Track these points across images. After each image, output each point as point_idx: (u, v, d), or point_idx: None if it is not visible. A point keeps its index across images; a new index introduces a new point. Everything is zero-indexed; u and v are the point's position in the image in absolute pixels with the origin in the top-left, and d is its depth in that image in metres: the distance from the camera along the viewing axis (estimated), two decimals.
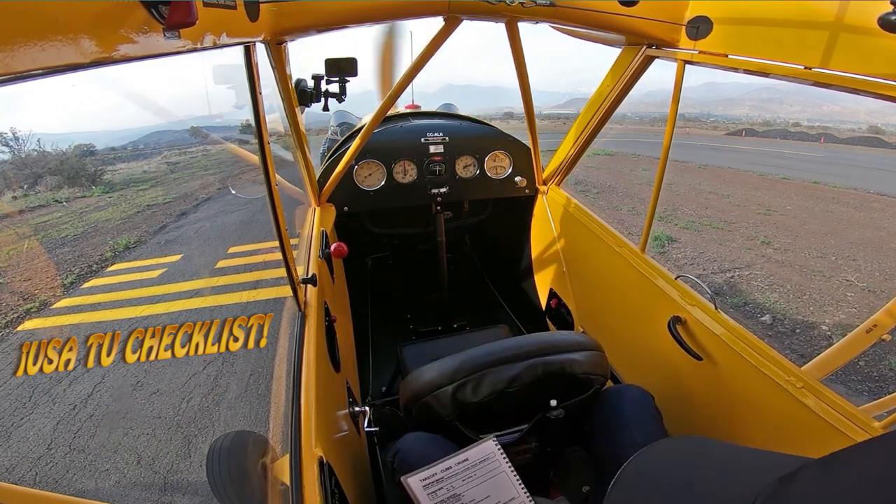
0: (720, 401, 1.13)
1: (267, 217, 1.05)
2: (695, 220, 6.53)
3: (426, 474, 0.82)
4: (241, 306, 3.74)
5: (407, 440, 0.98)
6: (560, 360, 1.01)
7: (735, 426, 1.09)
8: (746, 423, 1.06)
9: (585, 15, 1.16)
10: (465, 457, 0.85)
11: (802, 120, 70.96)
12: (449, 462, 0.84)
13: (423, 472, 0.82)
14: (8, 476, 2.18)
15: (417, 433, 1.01)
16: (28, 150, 12.22)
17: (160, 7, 0.48)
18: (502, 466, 0.87)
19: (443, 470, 0.83)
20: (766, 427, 1.01)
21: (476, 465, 0.85)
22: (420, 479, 0.82)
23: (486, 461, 0.86)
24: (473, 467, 0.85)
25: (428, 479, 0.82)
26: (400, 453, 0.95)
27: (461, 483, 0.83)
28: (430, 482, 0.82)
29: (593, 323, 1.68)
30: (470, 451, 0.86)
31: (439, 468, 0.83)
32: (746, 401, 1.06)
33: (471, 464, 0.85)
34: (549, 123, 32.86)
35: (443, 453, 0.94)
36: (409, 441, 0.98)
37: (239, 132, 3.76)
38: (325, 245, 1.47)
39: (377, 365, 2.01)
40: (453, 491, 0.83)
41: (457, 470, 0.84)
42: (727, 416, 1.11)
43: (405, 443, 0.97)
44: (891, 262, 4.99)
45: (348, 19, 1.08)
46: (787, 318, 3.69)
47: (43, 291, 4.40)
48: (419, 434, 1.00)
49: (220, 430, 2.38)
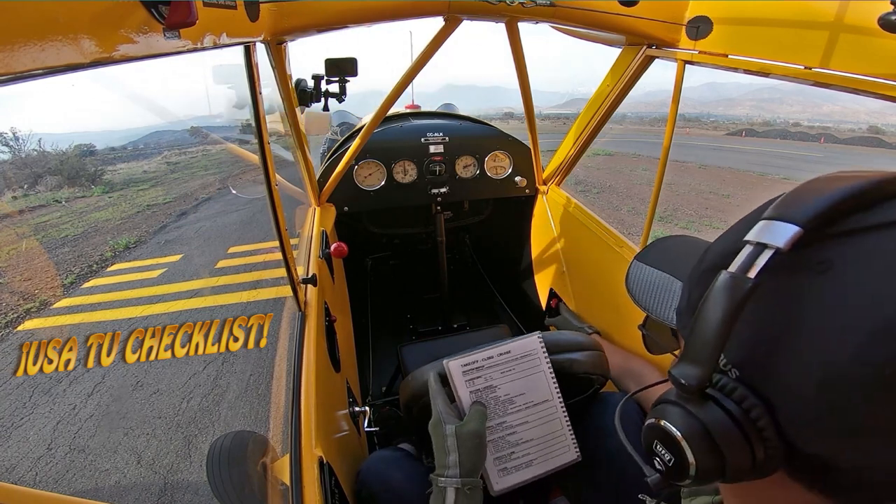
0: None
1: (267, 217, 1.05)
2: (695, 220, 6.53)
3: (467, 360, 0.80)
4: (241, 306, 3.74)
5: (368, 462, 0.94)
6: (560, 359, 1.01)
7: None
8: None
9: (585, 15, 1.16)
10: (507, 348, 0.83)
11: (802, 120, 71.00)
12: (491, 351, 0.82)
13: (465, 358, 0.80)
14: (8, 476, 2.18)
15: (379, 453, 0.98)
16: (28, 150, 12.24)
17: (160, 7, 0.48)
18: (542, 366, 0.85)
19: (484, 358, 0.81)
20: None
21: (517, 359, 0.83)
22: (461, 363, 0.80)
23: (528, 357, 0.84)
24: (514, 361, 0.83)
25: (468, 366, 0.80)
26: (360, 476, 0.91)
27: (499, 375, 0.81)
28: (469, 368, 0.80)
29: (593, 323, 1.68)
30: (514, 343, 0.84)
31: (481, 356, 0.81)
32: None
33: (512, 357, 0.83)
34: (549, 123, 32.89)
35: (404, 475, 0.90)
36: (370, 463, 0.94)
37: (239, 132, 3.76)
38: (325, 245, 1.47)
39: (377, 365, 2.01)
40: (490, 382, 0.81)
41: (497, 361, 0.82)
42: None
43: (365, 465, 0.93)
44: None
45: (348, 19, 1.08)
46: None
47: (43, 291, 4.40)
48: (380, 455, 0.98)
49: (220, 430, 2.38)
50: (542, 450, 0.85)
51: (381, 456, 0.97)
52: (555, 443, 0.86)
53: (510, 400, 0.82)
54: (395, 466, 0.92)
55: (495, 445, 0.81)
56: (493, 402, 0.81)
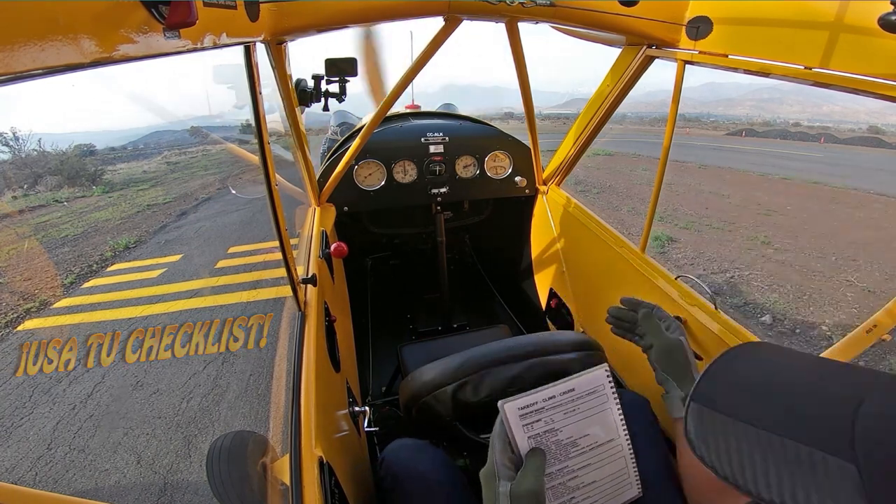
0: None
1: (267, 217, 1.05)
2: (695, 221, 6.53)
3: (526, 401, 0.71)
4: (241, 306, 3.74)
5: (392, 448, 0.94)
6: (560, 360, 1.01)
7: None
8: None
9: (585, 15, 1.16)
10: (571, 386, 0.74)
11: (802, 120, 71.01)
12: (553, 390, 0.73)
13: (523, 399, 0.70)
14: (8, 476, 2.18)
15: (404, 440, 0.97)
16: (28, 150, 12.24)
17: (160, 7, 0.48)
18: (609, 402, 0.77)
19: (545, 399, 0.72)
20: None
21: (582, 397, 0.75)
22: (518, 406, 0.70)
23: (594, 394, 0.76)
24: (578, 399, 0.75)
25: (527, 408, 0.71)
26: (385, 462, 0.91)
27: (561, 416, 0.73)
28: (528, 412, 0.71)
29: (593, 323, 1.68)
30: (578, 379, 0.75)
31: (541, 396, 0.72)
32: None
33: (576, 395, 0.74)
34: (549, 123, 32.89)
35: (430, 461, 0.90)
36: (395, 449, 0.94)
37: (239, 132, 3.76)
38: (325, 245, 1.47)
39: (377, 365, 2.01)
40: (551, 425, 0.72)
41: (560, 401, 0.73)
42: None
43: (391, 451, 0.93)
44: (891, 262, 4.99)
45: (348, 19, 1.08)
46: (787, 318, 3.69)
47: (43, 291, 4.40)
48: (405, 442, 0.97)
49: (220, 430, 2.38)
50: (605, 491, 0.78)
51: (404, 444, 0.95)
52: (618, 482, 0.79)
53: (573, 443, 0.74)
54: (420, 454, 0.92)
55: (554, 492, 0.74)
56: (555, 447, 0.73)
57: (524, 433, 0.70)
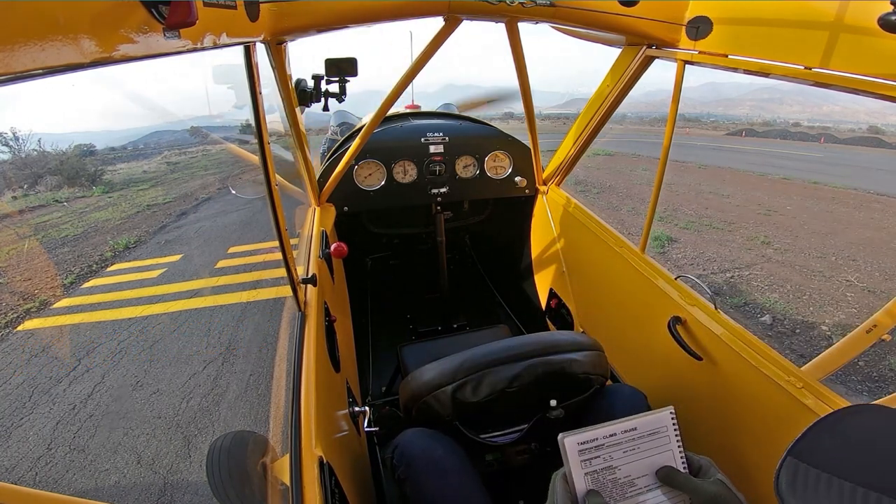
0: (720, 401, 1.13)
1: (267, 217, 1.05)
2: (695, 221, 6.53)
3: (586, 437, 0.70)
4: (241, 306, 3.74)
5: (406, 436, 0.96)
6: (560, 359, 1.01)
7: (734, 426, 1.09)
8: (746, 424, 1.06)
9: (585, 15, 1.16)
10: (633, 425, 0.73)
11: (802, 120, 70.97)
12: (614, 427, 0.72)
13: (583, 434, 0.70)
14: (8, 476, 2.18)
15: (417, 429, 0.99)
16: (28, 150, 12.24)
17: (160, 7, 0.48)
18: (671, 444, 0.75)
19: (606, 436, 0.71)
20: (765, 427, 1.01)
21: (643, 436, 0.74)
22: (578, 440, 0.70)
23: (656, 434, 0.75)
24: (639, 439, 0.74)
25: (587, 443, 0.70)
26: (399, 448, 0.94)
27: (621, 455, 0.72)
28: (588, 447, 0.70)
29: (593, 323, 1.68)
30: (642, 419, 0.74)
31: (602, 433, 0.71)
32: (746, 401, 1.06)
33: (637, 434, 0.73)
34: (549, 123, 32.86)
35: (443, 449, 0.93)
36: (409, 437, 0.96)
37: (239, 132, 3.76)
38: (325, 245, 1.47)
39: (377, 365, 2.01)
40: (609, 462, 0.71)
41: (621, 438, 0.72)
42: (727, 417, 1.11)
43: (405, 438, 0.96)
44: (891, 262, 4.99)
45: (348, 19, 1.08)
46: (787, 318, 3.69)
47: (43, 291, 4.40)
48: (418, 430, 0.99)
49: (220, 430, 2.38)
50: None
51: (418, 431, 0.97)
52: None
53: (630, 482, 0.73)
54: (434, 441, 0.94)
55: None
56: (611, 485, 0.72)
57: (581, 469, 0.70)
